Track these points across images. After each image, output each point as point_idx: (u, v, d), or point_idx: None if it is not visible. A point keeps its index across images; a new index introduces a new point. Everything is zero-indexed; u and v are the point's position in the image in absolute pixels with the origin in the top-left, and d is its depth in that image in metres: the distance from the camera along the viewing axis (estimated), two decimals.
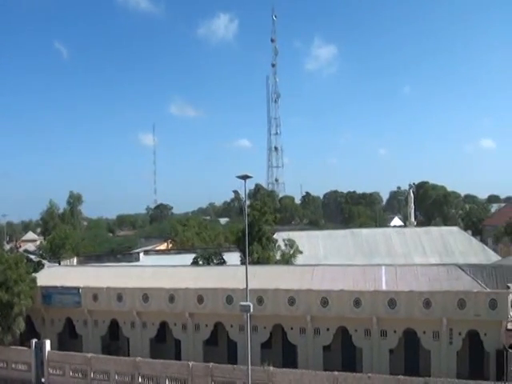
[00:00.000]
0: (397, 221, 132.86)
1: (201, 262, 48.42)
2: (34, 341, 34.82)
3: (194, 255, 50.87)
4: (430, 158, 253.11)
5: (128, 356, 34.73)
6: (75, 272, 45.66)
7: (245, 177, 25.45)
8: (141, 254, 61.87)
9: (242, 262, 41.43)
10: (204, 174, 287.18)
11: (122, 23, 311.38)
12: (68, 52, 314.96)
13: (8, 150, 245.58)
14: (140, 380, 31.04)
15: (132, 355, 34.66)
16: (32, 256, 57.23)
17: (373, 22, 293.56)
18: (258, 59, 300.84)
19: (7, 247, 73.58)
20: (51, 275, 41.66)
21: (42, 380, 34.04)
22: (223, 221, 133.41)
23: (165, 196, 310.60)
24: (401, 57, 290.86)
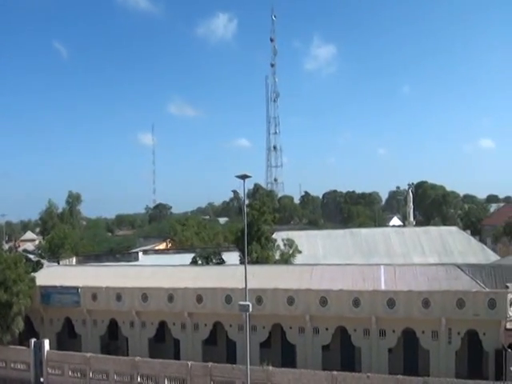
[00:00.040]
0: (396, 220, 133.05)
1: (200, 262, 48.41)
2: (32, 340, 34.82)
3: (193, 255, 50.84)
4: (429, 158, 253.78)
5: (127, 356, 34.72)
6: (74, 272, 45.65)
7: (244, 176, 25.45)
8: (140, 254, 61.89)
9: (241, 262, 41.43)
10: (203, 174, 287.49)
11: (121, 23, 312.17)
12: (67, 52, 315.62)
13: (7, 150, 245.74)
14: (139, 380, 31.04)
15: (131, 355, 34.66)
16: (31, 256, 57.25)
17: (372, 21, 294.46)
18: (257, 59, 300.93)
19: (6, 247, 73.43)
20: (50, 275, 41.64)
21: (41, 380, 34.04)
22: (222, 220, 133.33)
23: (164, 196, 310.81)
24: (400, 57, 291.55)
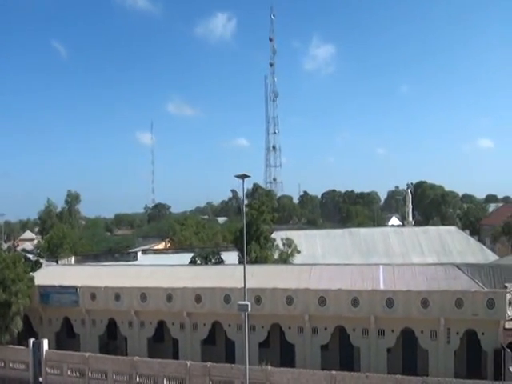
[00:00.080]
0: (395, 220, 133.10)
1: (199, 262, 48.39)
2: (31, 340, 34.79)
3: (191, 254, 50.81)
4: (428, 158, 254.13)
5: (126, 355, 34.70)
6: (73, 271, 45.61)
7: (243, 176, 25.45)
8: (139, 254, 61.89)
9: (240, 262, 41.44)
10: (202, 173, 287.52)
11: (119, 22, 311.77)
12: (66, 51, 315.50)
13: (7, 150, 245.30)
14: (138, 379, 31.03)
15: (130, 354, 34.64)
16: (30, 255, 57.30)
17: (371, 21, 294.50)
18: (256, 58, 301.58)
19: (5, 246, 73.31)
20: (49, 274, 41.63)
21: (40, 379, 34.01)
22: (221, 220, 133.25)
23: (163, 195, 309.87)
24: (398, 56, 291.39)
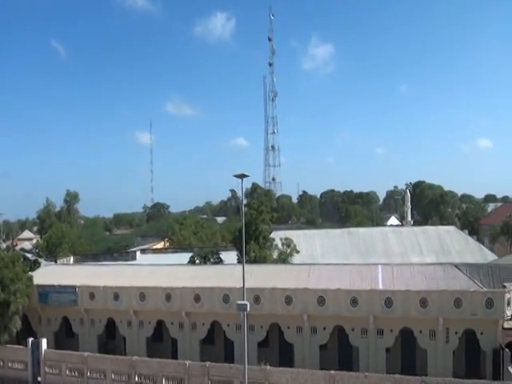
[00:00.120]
0: (393, 220, 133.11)
1: (197, 261, 48.37)
2: (30, 339, 34.75)
3: (190, 254, 50.81)
4: (427, 158, 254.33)
5: (125, 355, 34.68)
6: (72, 271, 45.61)
7: (242, 176, 25.45)
8: (137, 253, 61.91)
9: (239, 261, 41.42)
10: (201, 173, 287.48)
11: (119, 22, 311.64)
12: (65, 51, 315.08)
13: (5, 150, 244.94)
14: (137, 379, 30.99)
15: (129, 354, 34.62)
16: (28, 254, 57.26)
17: (370, 21, 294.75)
18: (255, 58, 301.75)
19: (4, 246, 73.20)
20: (48, 274, 41.59)
21: (39, 379, 33.97)
22: (220, 220, 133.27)
23: (162, 195, 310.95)
24: (398, 56, 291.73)
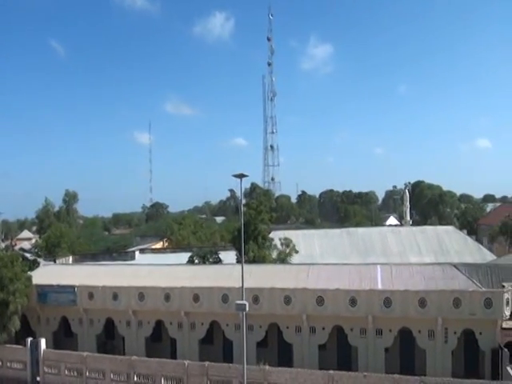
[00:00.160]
0: (392, 220, 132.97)
1: (196, 261, 48.34)
2: (29, 339, 34.73)
3: (189, 254, 50.78)
4: (425, 158, 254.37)
5: (123, 355, 34.67)
6: (71, 270, 45.59)
7: (241, 176, 25.49)
8: (136, 253, 61.87)
9: (238, 261, 41.38)
10: (200, 173, 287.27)
11: (117, 21, 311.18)
12: (64, 50, 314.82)
13: (4, 150, 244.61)
14: (136, 379, 31.01)
15: (127, 354, 34.61)
16: (27, 254, 57.25)
17: (369, 21, 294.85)
18: (254, 58, 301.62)
19: (2, 245, 73.22)
20: (47, 274, 41.58)
21: (38, 379, 33.96)
22: (219, 219, 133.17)
23: (161, 194, 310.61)
24: (397, 56, 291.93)
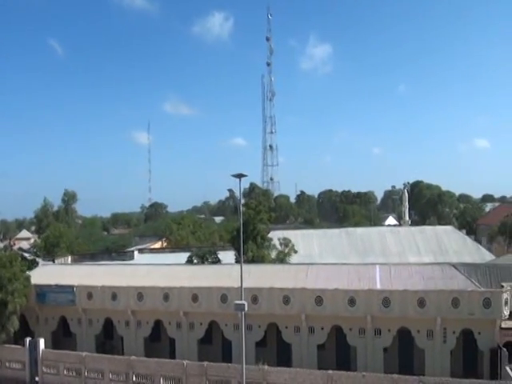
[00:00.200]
0: (391, 220, 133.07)
1: (195, 261, 48.31)
2: (28, 339, 34.73)
3: (188, 254, 50.75)
4: (424, 157, 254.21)
5: (122, 355, 34.68)
6: (69, 270, 45.54)
7: (240, 175, 25.49)
8: (135, 253, 61.82)
9: (237, 261, 41.38)
10: (199, 173, 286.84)
11: (116, 21, 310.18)
12: (63, 50, 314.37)
13: (4, 150, 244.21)
14: (134, 379, 31.00)
15: (126, 354, 34.62)
16: (26, 254, 57.13)
17: (368, 20, 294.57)
18: (253, 58, 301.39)
19: (1, 245, 73.16)
20: (45, 274, 41.55)
21: (36, 379, 33.96)
22: (218, 219, 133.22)
23: (159, 194, 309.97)
24: (396, 55, 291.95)
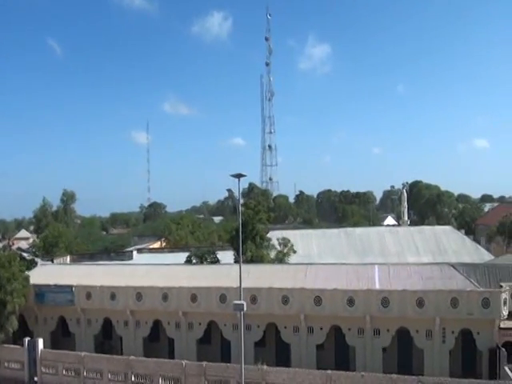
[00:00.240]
0: (390, 220, 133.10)
1: (194, 261, 48.32)
2: (26, 339, 34.72)
3: (187, 254, 50.76)
4: (423, 157, 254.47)
5: (121, 355, 34.67)
6: (68, 270, 45.50)
7: (239, 175, 25.48)
8: (134, 253, 61.84)
9: (236, 261, 41.38)
10: (198, 173, 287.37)
11: (116, 21, 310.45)
12: (62, 50, 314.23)
13: (3, 150, 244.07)
14: (133, 379, 30.99)
15: (125, 354, 34.62)
16: (25, 254, 57.05)
17: (367, 20, 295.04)
18: (252, 58, 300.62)
19: (0, 245, 73.12)
20: (44, 273, 41.50)
21: (35, 379, 33.96)
22: (217, 219, 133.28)
23: (158, 194, 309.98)
24: (395, 55, 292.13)
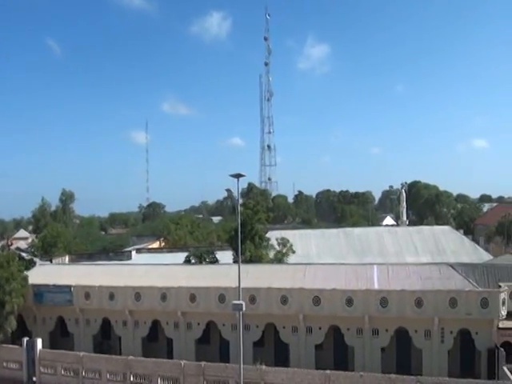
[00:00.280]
0: (389, 220, 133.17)
1: (193, 261, 48.30)
2: (25, 339, 34.67)
3: (186, 254, 50.75)
4: (422, 157, 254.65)
5: (120, 355, 34.63)
6: (67, 270, 45.44)
7: (238, 175, 25.47)
8: (133, 253, 61.76)
9: (235, 261, 41.38)
10: (197, 173, 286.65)
11: (115, 21, 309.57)
12: (61, 50, 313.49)
13: (2, 149, 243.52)
14: (132, 379, 30.97)
15: (124, 354, 34.60)
16: (24, 254, 57.03)
17: (366, 20, 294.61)
18: (251, 58, 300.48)
19: None
20: (43, 273, 41.46)
21: (34, 379, 33.92)
22: (216, 219, 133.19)
23: (157, 194, 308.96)
24: (394, 55, 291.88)
